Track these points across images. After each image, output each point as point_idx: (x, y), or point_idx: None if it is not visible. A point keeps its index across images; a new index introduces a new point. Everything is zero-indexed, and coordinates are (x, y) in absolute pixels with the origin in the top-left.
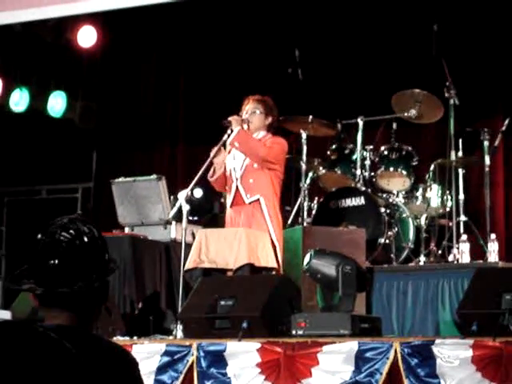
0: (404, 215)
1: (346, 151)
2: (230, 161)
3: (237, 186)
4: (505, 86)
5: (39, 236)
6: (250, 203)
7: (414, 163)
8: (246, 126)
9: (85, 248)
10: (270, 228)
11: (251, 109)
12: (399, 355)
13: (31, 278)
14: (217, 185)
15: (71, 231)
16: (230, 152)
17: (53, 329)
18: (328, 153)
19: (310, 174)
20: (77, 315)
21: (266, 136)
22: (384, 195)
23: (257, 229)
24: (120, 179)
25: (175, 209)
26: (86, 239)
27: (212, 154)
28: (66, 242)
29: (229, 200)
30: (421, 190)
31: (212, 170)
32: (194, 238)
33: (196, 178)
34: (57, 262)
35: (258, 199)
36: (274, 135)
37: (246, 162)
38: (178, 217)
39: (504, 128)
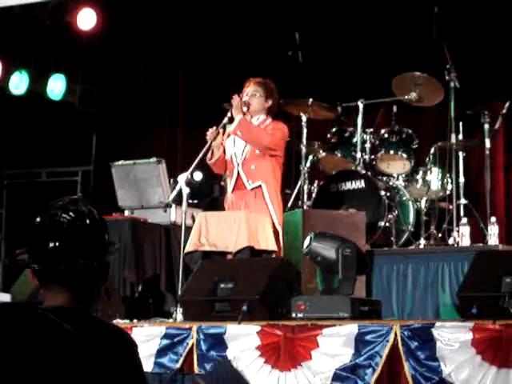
0: (404, 198)
1: (346, 134)
2: (230, 146)
3: (238, 172)
4: (505, 68)
5: (39, 217)
6: (251, 189)
7: (414, 146)
8: (245, 109)
9: (85, 229)
10: (272, 213)
11: (251, 91)
12: (399, 338)
13: (31, 258)
14: (215, 167)
15: (71, 213)
16: (228, 136)
17: (52, 311)
18: (328, 136)
19: (310, 157)
20: (76, 295)
21: (266, 120)
22: (384, 178)
23: (259, 213)
24: (120, 162)
25: (175, 192)
26: (86, 221)
27: (209, 137)
28: (66, 223)
29: (230, 185)
30: (421, 173)
31: (210, 152)
32: (193, 221)
33: (196, 161)
34: (57, 243)
35: (260, 185)
36: (273, 119)
37: (248, 148)
38: (177, 200)
39: (504, 111)
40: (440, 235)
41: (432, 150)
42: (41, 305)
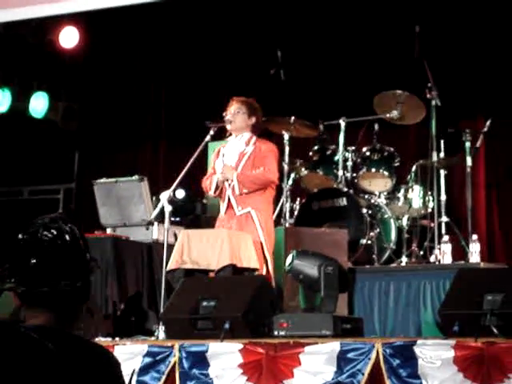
0: (386, 216)
1: (328, 152)
2: (221, 168)
3: (229, 196)
4: (486, 87)
5: (20, 235)
6: (240, 215)
7: (395, 164)
8: (229, 127)
9: (66, 247)
10: (262, 240)
11: (235, 109)
12: (381, 356)
13: (12, 277)
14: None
15: (53, 230)
16: (218, 156)
17: (35, 330)
18: (310, 154)
19: (292, 175)
20: (58, 315)
21: (252, 138)
22: (366, 196)
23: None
24: (102, 180)
25: (157, 209)
26: (67, 238)
27: (222, 178)
28: (47, 241)
29: (222, 207)
30: (402, 190)
31: (218, 186)
32: (176, 238)
33: (178, 179)
34: (38, 261)
35: (249, 212)
36: (258, 137)
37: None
38: (160, 217)
39: (485, 129)
40: (422, 253)
41: (413, 168)
42: (23, 323)
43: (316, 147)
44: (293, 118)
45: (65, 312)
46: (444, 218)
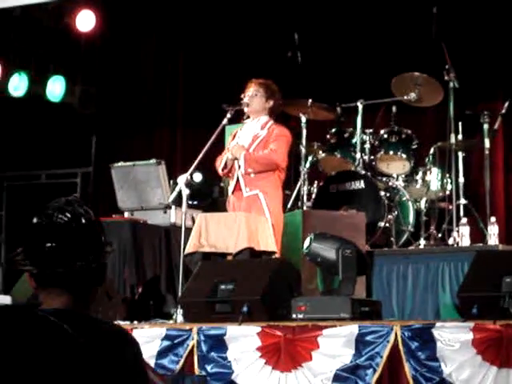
0: (404, 198)
1: (346, 135)
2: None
3: (237, 176)
4: (504, 68)
5: (35, 218)
6: (247, 196)
7: (413, 146)
8: (246, 109)
9: (82, 230)
10: (269, 221)
11: (252, 91)
12: (399, 338)
13: (27, 259)
14: (225, 176)
15: (68, 213)
16: (234, 138)
17: (52, 313)
18: (327, 136)
19: (310, 158)
20: (74, 297)
21: (269, 122)
22: (384, 179)
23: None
24: (119, 164)
25: (175, 193)
26: (83, 221)
27: (233, 154)
28: (62, 224)
29: (231, 187)
30: (420, 173)
31: (224, 165)
32: (193, 222)
33: (195, 163)
34: (54, 244)
35: (257, 194)
36: (276, 122)
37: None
38: (177, 201)
39: (504, 111)
40: (440, 235)
41: (431, 151)
42: (40, 307)
43: (333, 130)
44: (310, 100)
45: (81, 294)
46: (462, 201)
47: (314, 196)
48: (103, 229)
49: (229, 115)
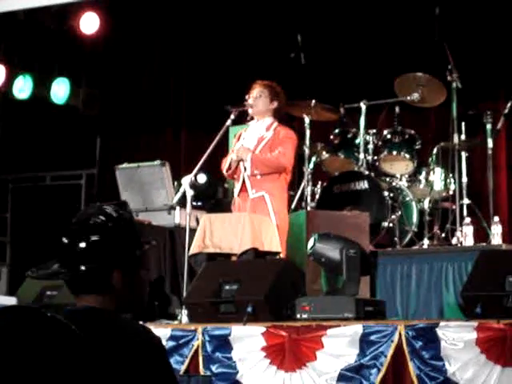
0: (407, 199)
1: (349, 135)
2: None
3: (243, 178)
4: (507, 68)
5: (72, 223)
6: (253, 198)
7: (416, 147)
8: (250, 111)
9: (119, 229)
10: (274, 223)
11: (257, 93)
12: (404, 338)
13: (62, 264)
14: (230, 177)
15: (102, 215)
16: (239, 139)
17: (80, 311)
18: (331, 137)
19: (314, 159)
20: (108, 299)
21: (273, 123)
22: (387, 179)
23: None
24: (124, 165)
25: (179, 194)
26: (118, 221)
27: (237, 156)
28: (98, 224)
29: (236, 188)
30: (424, 173)
31: (229, 166)
32: (198, 223)
33: (200, 164)
34: (89, 246)
35: (263, 195)
36: (280, 123)
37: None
38: (182, 202)
39: (506, 111)
40: (443, 235)
41: (435, 151)
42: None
43: (337, 130)
44: (313, 101)
45: (114, 296)
46: (465, 201)
47: (317, 196)
48: (138, 230)
49: (232, 116)
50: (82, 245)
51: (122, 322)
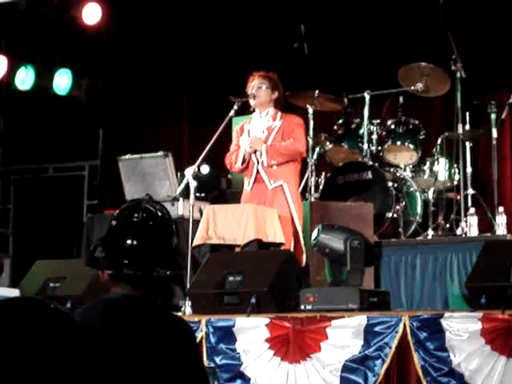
0: (411, 189)
1: (353, 125)
2: (246, 143)
3: (258, 170)
4: (511, 58)
5: (113, 221)
6: (272, 188)
7: (421, 137)
8: (252, 102)
9: (158, 227)
10: (293, 211)
11: (257, 84)
12: (408, 329)
13: (108, 259)
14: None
15: (143, 212)
16: (242, 132)
17: (118, 299)
18: (335, 127)
19: (317, 149)
20: (145, 290)
21: (277, 113)
22: (391, 169)
23: (279, 211)
24: (127, 156)
25: (182, 185)
26: (158, 219)
27: (252, 147)
28: (139, 222)
29: (248, 182)
30: (428, 163)
31: (244, 159)
32: (201, 214)
33: (203, 155)
34: (134, 242)
35: (281, 185)
36: (283, 111)
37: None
38: (185, 193)
39: (511, 100)
40: (448, 225)
41: (439, 141)
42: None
43: (340, 121)
44: (317, 91)
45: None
46: (470, 191)
47: (321, 187)
48: (176, 227)
49: (235, 107)
50: (128, 242)
51: (159, 309)
